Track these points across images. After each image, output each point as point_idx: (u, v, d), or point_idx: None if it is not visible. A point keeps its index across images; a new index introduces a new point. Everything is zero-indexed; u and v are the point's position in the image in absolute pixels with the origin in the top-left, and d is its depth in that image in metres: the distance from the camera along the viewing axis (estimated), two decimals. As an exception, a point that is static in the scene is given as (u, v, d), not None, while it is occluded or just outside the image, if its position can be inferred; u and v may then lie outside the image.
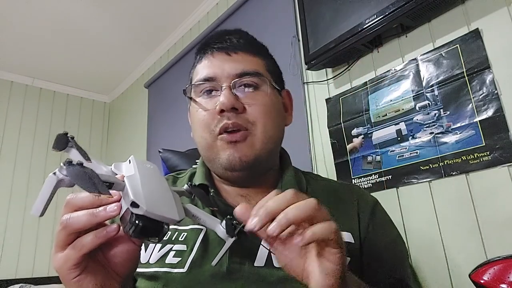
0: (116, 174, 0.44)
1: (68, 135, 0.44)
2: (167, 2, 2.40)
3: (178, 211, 0.40)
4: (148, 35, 2.73)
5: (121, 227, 0.40)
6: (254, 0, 2.03)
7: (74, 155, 0.44)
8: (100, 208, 0.39)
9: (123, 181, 0.40)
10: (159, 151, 1.57)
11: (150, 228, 0.38)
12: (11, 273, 2.71)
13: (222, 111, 0.58)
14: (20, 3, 2.32)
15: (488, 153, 1.05)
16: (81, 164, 0.36)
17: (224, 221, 0.44)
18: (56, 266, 0.40)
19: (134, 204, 0.37)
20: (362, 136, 1.39)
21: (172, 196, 0.42)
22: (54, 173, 0.36)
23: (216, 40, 0.64)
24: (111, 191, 0.39)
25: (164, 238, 0.59)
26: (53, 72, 3.14)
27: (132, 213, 0.37)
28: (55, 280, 2.73)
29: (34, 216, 0.36)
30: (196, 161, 1.45)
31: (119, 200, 0.40)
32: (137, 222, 0.37)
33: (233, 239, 0.44)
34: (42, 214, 0.36)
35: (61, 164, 0.36)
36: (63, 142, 0.44)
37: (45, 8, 2.37)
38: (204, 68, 0.63)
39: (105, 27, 2.60)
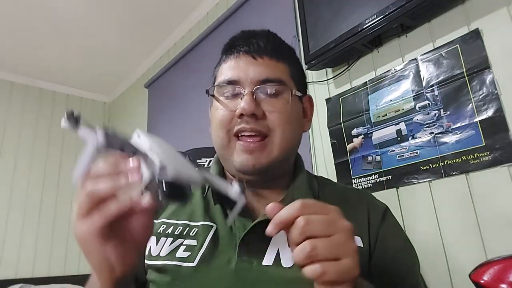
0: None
1: (75, 115, 0.42)
2: (167, 2, 2.40)
3: (198, 173, 0.42)
4: (148, 35, 2.73)
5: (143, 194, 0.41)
6: (254, 0, 2.03)
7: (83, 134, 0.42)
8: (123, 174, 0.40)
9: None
10: (159, 151, 1.57)
11: (175, 192, 0.39)
12: (11, 273, 2.71)
13: (241, 115, 0.59)
14: (20, 3, 2.32)
15: (488, 153, 1.05)
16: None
17: (233, 182, 0.47)
18: (79, 233, 0.40)
19: (161, 169, 0.38)
20: (362, 136, 1.39)
21: (188, 161, 0.44)
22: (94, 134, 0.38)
23: (243, 41, 0.64)
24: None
25: (176, 233, 0.60)
26: (53, 72, 3.14)
27: (158, 179, 0.38)
28: (56, 280, 2.73)
29: (75, 181, 0.38)
30: (197, 161, 1.45)
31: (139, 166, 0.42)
32: (163, 188, 0.38)
33: (244, 199, 0.46)
34: (81, 178, 0.39)
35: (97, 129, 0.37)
36: (73, 121, 0.42)
37: (45, 8, 2.37)
38: (229, 70, 0.64)
39: (105, 27, 2.60)
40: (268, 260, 0.56)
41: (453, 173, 1.12)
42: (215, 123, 0.64)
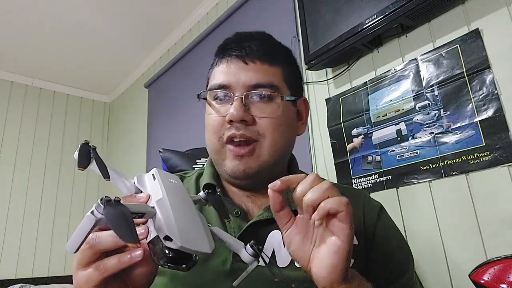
0: (141, 191, 0.43)
1: (90, 145, 0.43)
2: (167, 2, 2.40)
3: (209, 242, 0.40)
4: (148, 35, 2.73)
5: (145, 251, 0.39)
6: (254, 0, 2.03)
7: (94, 168, 0.43)
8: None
9: (153, 207, 0.39)
10: (159, 151, 1.57)
11: (180, 259, 0.38)
12: (11, 273, 2.71)
13: (231, 121, 0.59)
14: (21, 3, 2.32)
15: (488, 153, 1.05)
16: (118, 201, 0.35)
17: (248, 246, 0.45)
18: (77, 284, 0.40)
19: (167, 238, 0.37)
20: (362, 136, 1.39)
21: (201, 222, 0.42)
22: (92, 212, 0.35)
23: (236, 45, 0.64)
24: (139, 195, 0.41)
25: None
26: (53, 72, 3.14)
27: (162, 245, 0.37)
28: (56, 280, 2.73)
29: (68, 252, 0.36)
30: (197, 161, 1.45)
31: (146, 202, 0.41)
32: (168, 253, 0.37)
33: (257, 263, 0.45)
34: (76, 251, 0.36)
35: (99, 201, 0.35)
36: (86, 156, 0.42)
37: (45, 8, 2.37)
38: (220, 74, 0.63)
39: (105, 27, 2.60)
40: (267, 260, 0.56)
41: (453, 173, 1.12)
42: (208, 128, 0.64)
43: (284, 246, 0.59)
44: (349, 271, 0.45)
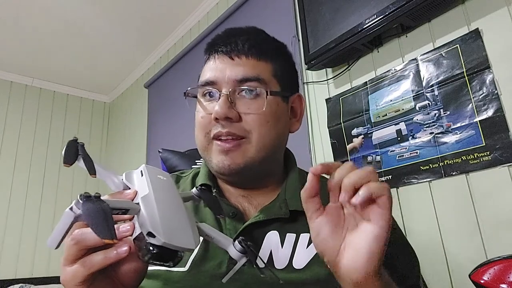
0: (129, 188, 0.43)
1: (78, 142, 0.43)
2: (167, 2, 2.40)
3: (194, 238, 0.40)
4: (148, 35, 2.73)
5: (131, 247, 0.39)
6: (254, 0, 2.03)
7: (82, 165, 0.43)
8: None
9: (138, 203, 0.39)
10: (159, 151, 1.57)
11: (165, 256, 0.38)
12: (11, 273, 2.71)
13: (216, 119, 0.58)
14: (21, 4, 2.32)
15: (488, 153, 1.05)
16: (98, 197, 0.35)
17: (236, 242, 0.44)
18: (63, 280, 0.40)
19: (151, 234, 0.36)
20: (362, 136, 1.38)
21: (188, 218, 0.42)
22: (71, 209, 0.34)
23: (222, 41, 0.63)
24: (127, 192, 0.41)
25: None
26: (53, 72, 3.14)
27: (146, 241, 0.37)
28: (55, 280, 2.73)
29: (49, 247, 0.36)
30: (196, 161, 1.45)
31: (133, 198, 0.41)
32: (152, 249, 0.37)
33: (246, 259, 0.44)
34: (57, 247, 0.36)
35: (78, 197, 0.34)
36: (73, 152, 0.42)
37: (45, 8, 2.37)
38: (207, 71, 0.63)
39: (105, 27, 2.60)
40: (260, 262, 0.55)
41: (453, 173, 1.12)
42: (196, 125, 0.63)
43: (293, 248, 0.57)
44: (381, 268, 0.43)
